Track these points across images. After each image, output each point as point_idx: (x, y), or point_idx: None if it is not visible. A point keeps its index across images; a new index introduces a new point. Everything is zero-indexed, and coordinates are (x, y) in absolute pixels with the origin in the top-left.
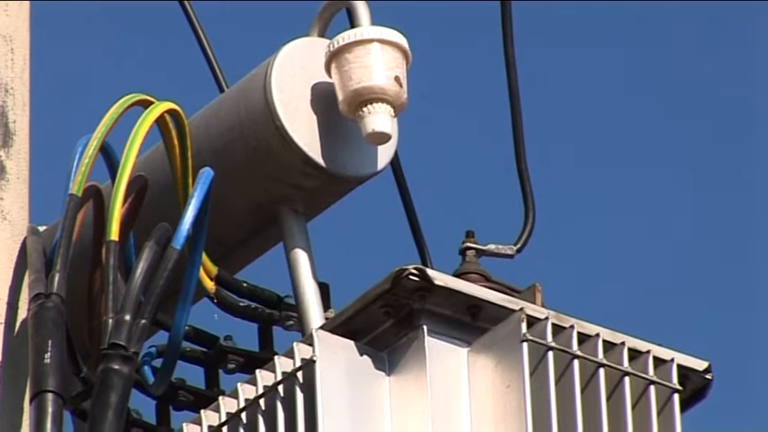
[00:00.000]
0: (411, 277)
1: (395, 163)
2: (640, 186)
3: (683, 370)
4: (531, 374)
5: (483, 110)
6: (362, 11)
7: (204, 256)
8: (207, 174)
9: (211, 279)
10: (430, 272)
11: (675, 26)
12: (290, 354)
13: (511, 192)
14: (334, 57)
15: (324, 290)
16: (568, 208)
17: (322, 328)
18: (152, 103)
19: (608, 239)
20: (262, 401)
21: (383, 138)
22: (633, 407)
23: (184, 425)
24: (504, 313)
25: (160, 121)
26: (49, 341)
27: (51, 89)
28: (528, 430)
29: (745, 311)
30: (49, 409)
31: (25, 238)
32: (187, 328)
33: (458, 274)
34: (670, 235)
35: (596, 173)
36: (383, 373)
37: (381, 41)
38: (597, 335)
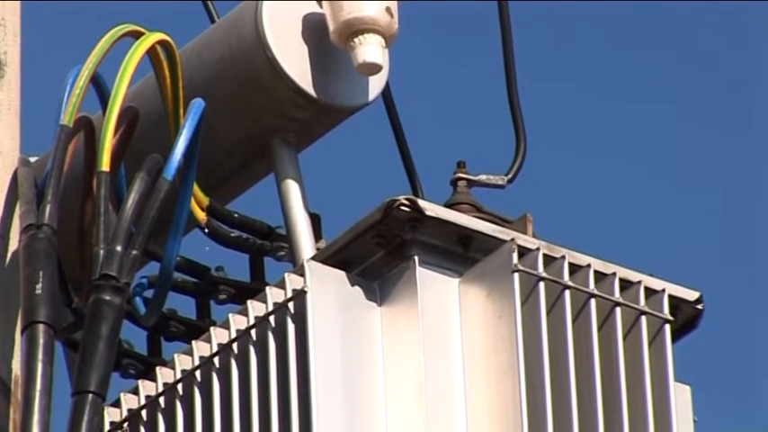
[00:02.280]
0: (402, 208)
1: (386, 94)
2: (634, 118)
3: (674, 300)
4: (523, 305)
5: (474, 40)
6: None
7: (195, 187)
8: (198, 105)
9: (202, 210)
10: (421, 202)
11: None
12: (281, 284)
13: (502, 122)
14: None
15: (315, 221)
16: (560, 138)
17: (313, 258)
18: (143, 33)
19: (600, 170)
20: (253, 332)
21: (374, 68)
22: (624, 337)
23: (176, 355)
24: (495, 244)
25: (151, 52)
26: (41, 272)
27: (42, 20)
28: (519, 360)
29: (738, 243)
30: (41, 340)
31: (16, 169)
32: (178, 258)
33: (449, 205)
34: (663, 166)
35: (590, 103)
36: (374, 304)
37: None
38: (588, 265)
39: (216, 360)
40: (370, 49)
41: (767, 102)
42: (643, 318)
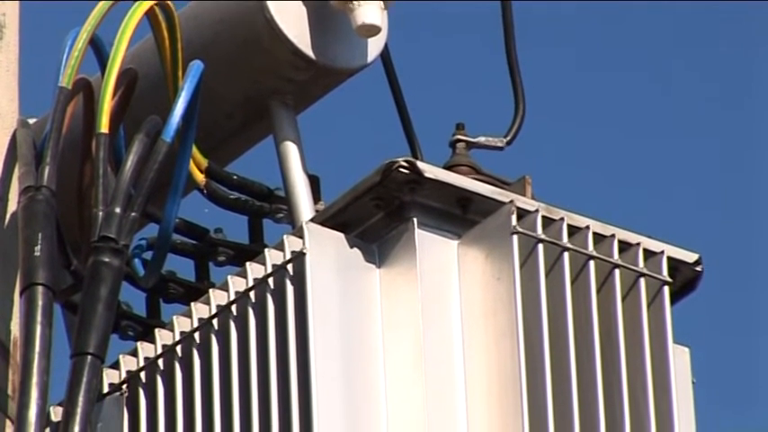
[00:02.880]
0: (401, 170)
1: (385, 55)
2: (632, 79)
3: (673, 262)
4: (521, 267)
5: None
6: None
7: (194, 149)
8: (197, 66)
9: (201, 171)
10: (420, 164)
11: None
12: (280, 246)
13: (501, 84)
14: None
15: (314, 182)
16: (559, 100)
17: (312, 220)
18: None
19: (599, 132)
20: (252, 294)
21: (373, 30)
22: (623, 299)
23: (175, 317)
24: (494, 206)
25: (150, 14)
26: (40, 234)
27: None
28: (518, 322)
29: (737, 204)
30: (39, 302)
31: (15, 131)
32: (177, 220)
33: (448, 167)
34: (662, 128)
35: (588, 64)
36: (373, 266)
37: None
38: (587, 227)
39: (215, 322)
40: (369, 11)
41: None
42: (642, 279)
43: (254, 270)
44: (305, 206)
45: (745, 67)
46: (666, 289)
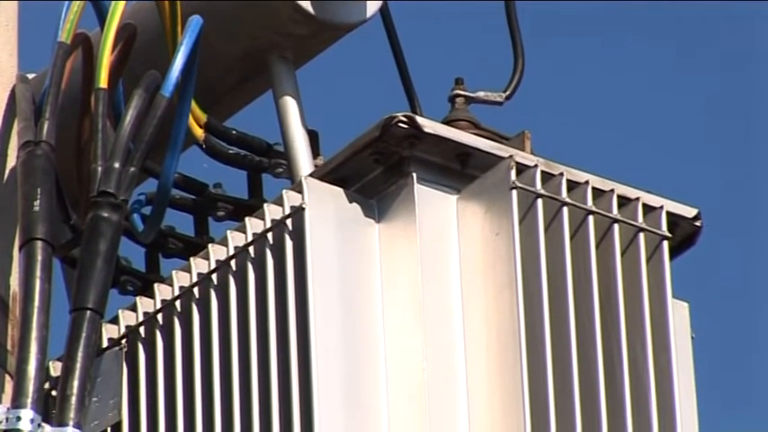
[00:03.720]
0: (400, 125)
1: (384, 10)
2: (632, 32)
3: (672, 217)
4: (521, 222)
5: None
6: None
7: (193, 104)
8: (196, 21)
9: (200, 126)
10: (419, 119)
11: None
12: (279, 201)
13: (500, 38)
14: None
15: (313, 137)
16: (558, 54)
17: (311, 175)
18: None
19: (598, 86)
20: (251, 249)
21: None
22: (622, 254)
23: (174, 272)
24: (493, 160)
25: None
26: (39, 189)
27: None
28: (517, 277)
29: (736, 159)
30: (38, 257)
31: (14, 86)
32: (176, 175)
33: (447, 122)
34: (662, 83)
35: (588, 17)
36: (372, 221)
37: None
38: (586, 182)
39: (214, 277)
40: None
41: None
42: (641, 234)
43: (254, 225)
44: (304, 161)
45: (746, 17)
46: (666, 244)
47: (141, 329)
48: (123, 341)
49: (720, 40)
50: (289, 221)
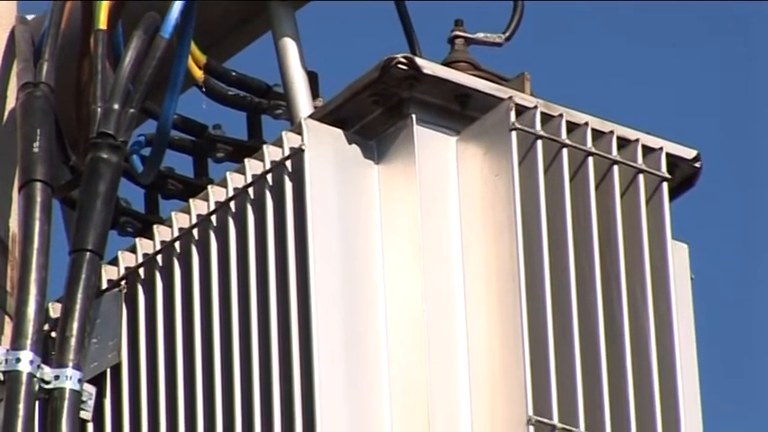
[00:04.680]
0: (400, 66)
1: None
2: None
3: (671, 158)
4: (520, 163)
5: None
6: None
7: (192, 45)
8: None
9: (200, 68)
10: (419, 60)
11: None
12: (278, 142)
13: None
14: None
15: (312, 79)
16: None
17: (311, 116)
18: None
19: (597, 28)
20: (250, 190)
21: None
22: (622, 195)
23: (173, 213)
24: (492, 102)
25: None
26: (38, 130)
27: None
28: (516, 219)
29: (735, 100)
30: (38, 198)
31: (14, 27)
32: (176, 116)
33: (446, 63)
34: (662, 24)
35: None
36: (372, 162)
37: None
38: (586, 123)
39: (213, 218)
40: None
41: None
42: (640, 176)
43: (253, 166)
44: (303, 102)
45: None
46: (665, 185)
47: (141, 271)
48: (123, 282)
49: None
50: (288, 163)
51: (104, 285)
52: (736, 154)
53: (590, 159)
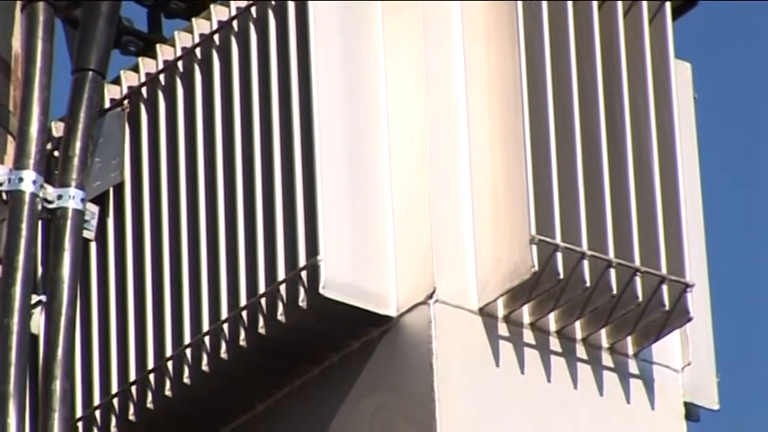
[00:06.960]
0: None
1: None
2: None
3: None
4: None
5: None
6: None
7: None
8: None
9: None
10: None
11: None
12: None
13: None
14: None
15: None
16: None
17: None
18: None
19: None
20: (253, 9)
21: None
22: (625, 15)
23: (176, 33)
24: None
25: None
26: None
27: None
28: (519, 38)
29: None
30: (41, 18)
31: None
32: None
33: None
34: None
35: None
36: None
37: None
38: None
39: (216, 38)
40: None
41: None
42: None
43: None
44: None
45: None
46: (668, 4)
47: (143, 90)
48: (125, 102)
49: None
50: None
51: (107, 105)
52: None
53: None
